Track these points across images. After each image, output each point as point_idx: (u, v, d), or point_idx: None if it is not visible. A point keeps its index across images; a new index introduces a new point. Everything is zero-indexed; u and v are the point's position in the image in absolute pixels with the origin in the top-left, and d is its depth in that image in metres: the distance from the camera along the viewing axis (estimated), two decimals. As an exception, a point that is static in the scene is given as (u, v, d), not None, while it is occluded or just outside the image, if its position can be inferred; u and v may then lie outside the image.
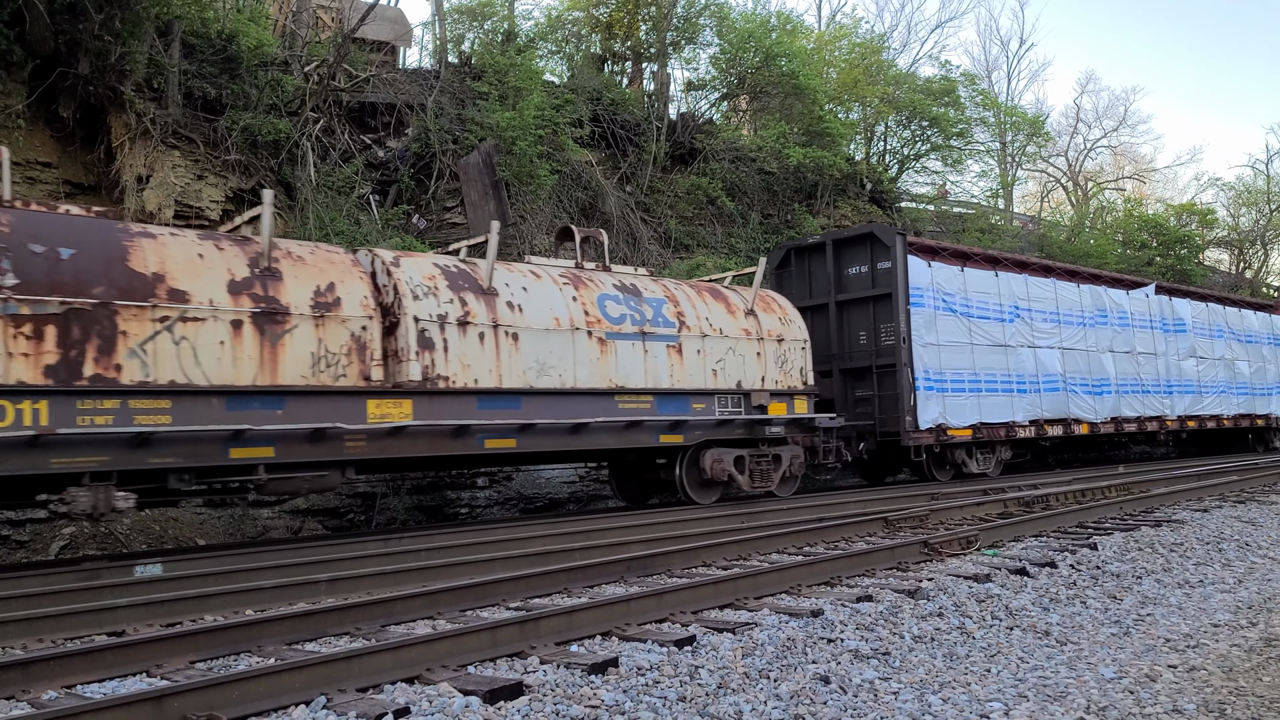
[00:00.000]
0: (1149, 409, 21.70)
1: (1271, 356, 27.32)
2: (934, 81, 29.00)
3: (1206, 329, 24.41)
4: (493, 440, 11.26)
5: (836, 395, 16.81)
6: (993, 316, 18.19)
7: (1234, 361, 25.26)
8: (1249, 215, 45.20)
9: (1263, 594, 7.79)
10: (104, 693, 4.88)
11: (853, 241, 17.41)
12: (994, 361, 17.94)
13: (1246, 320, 26.50)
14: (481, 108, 18.15)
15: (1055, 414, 19.02)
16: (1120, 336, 21.21)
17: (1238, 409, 25.12)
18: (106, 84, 13.75)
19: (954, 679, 5.37)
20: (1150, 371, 21.98)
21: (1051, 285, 19.88)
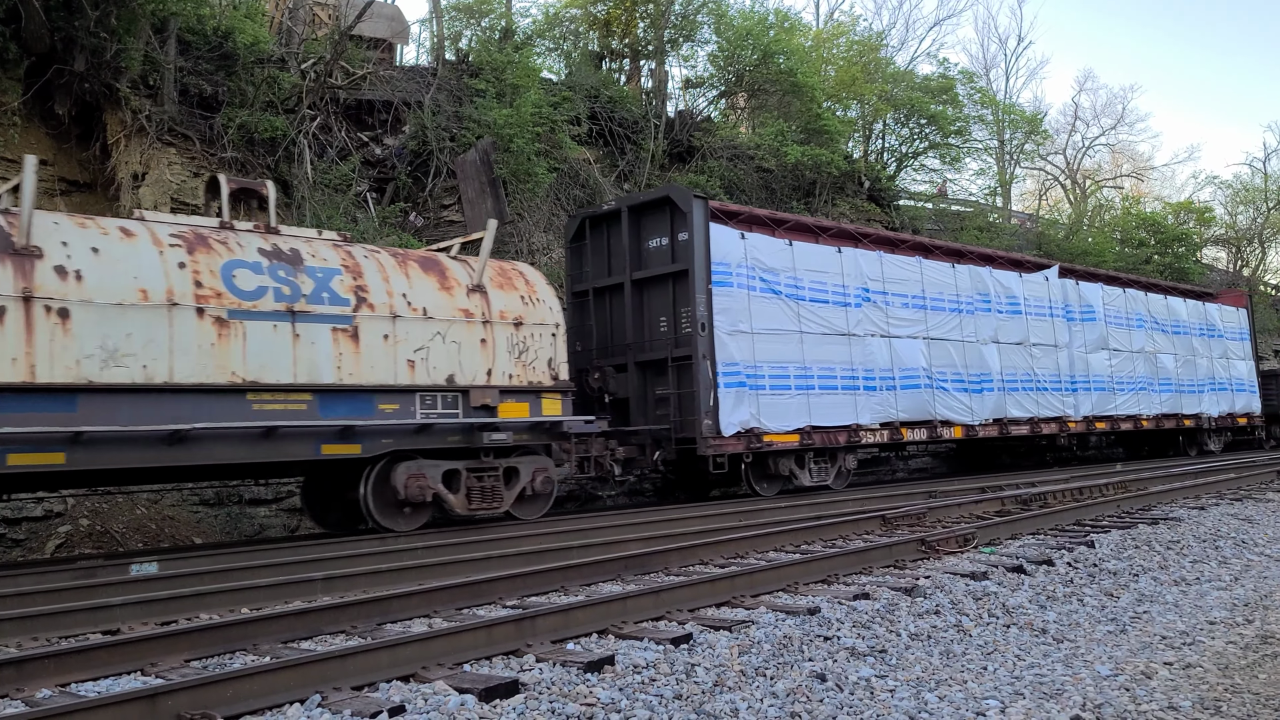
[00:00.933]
0: (1045, 409, 19.24)
1: (1204, 350, 25.01)
2: (932, 79, 28.99)
3: (1123, 318, 22.11)
4: (21, 455, 8.55)
5: (634, 394, 14.33)
6: (833, 300, 15.47)
7: (1157, 355, 23.00)
8: (1246, 213, 45.25)
9: (1259, 591, 7.78)
10: (98, 691, 4.86)
11: (651, 208, 14.55)
12: (832, 353, 15.33)
13: (1174, 309, 24.25)
14: (479, 105, 18.13)
15: (916, 415, 16.57)
16: (1009, 325, 18.77)
17: (1161, 408, 22.84)
18: (102, 81, 13.73)
19: (950, 677, 5.36)
20: (1049, 366, 19.55)
21: (916, 265, 17.27)
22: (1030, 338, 19.30)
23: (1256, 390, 27.30)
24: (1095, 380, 20.73)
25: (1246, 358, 27.09)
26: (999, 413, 18.18)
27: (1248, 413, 26.70)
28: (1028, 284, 19.70)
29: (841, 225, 18.13)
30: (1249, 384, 26.97)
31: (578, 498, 16.79)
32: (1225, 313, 26.53)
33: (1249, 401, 26.87)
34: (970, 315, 18.03)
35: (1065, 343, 20.15)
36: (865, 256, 16.50)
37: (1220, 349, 25.75)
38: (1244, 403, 26.55)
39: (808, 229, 16.75)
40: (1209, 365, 24.99)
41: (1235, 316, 27.06)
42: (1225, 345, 26.01)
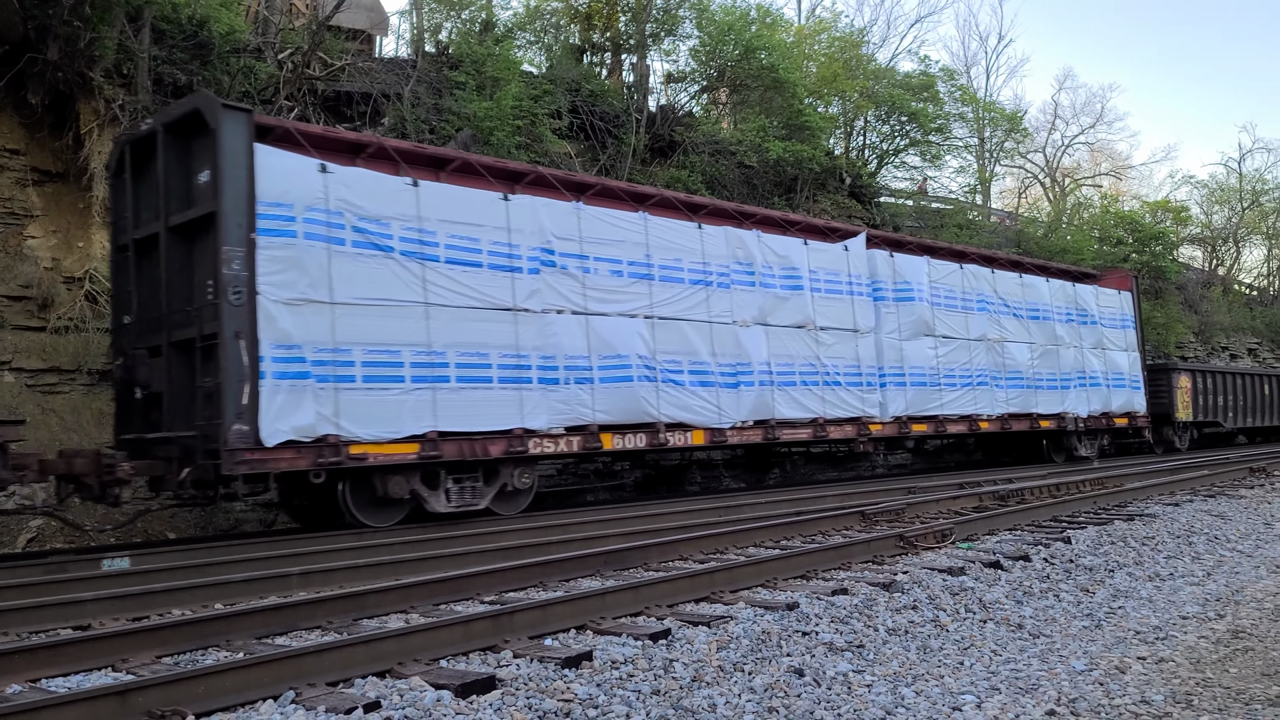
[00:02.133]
0: (837, 408, 15.79)
1: (1072, 339, 21.24)
2: (913, 76, 29.09)
3: (957, 299, 18.49)
4: None
5: (168, 386, 10.45)
6: (490, 263, 11.78)
7: (1005, 344, 19.30)
8: (1222, 213, 45.70)
9: (1230, 587, 7.86)
10: (69, 687, 4.80)
11: (188, 127, 10.53)
12: (485, 334, 11.62)
13: (1033, 290, 20.58)
14: (459, 98, 18.03)
15: (622, 416, 12.95)
16: (785, 304, 15.22)
17: (1008, 407, 19.21)
18: (75, 70, 13.55)
19: (927, 671, 5.38)
20: (844, 355, 16.05)
21: (640, 221, 13.44)
22: (817, 320, 15.67)
23: (1142, 386, 23.49)
24: (914, 373, 17.24)
25: (1130, 348, 23.19)
26: (762, 412, 14.62)
27: (1129, 412, 22.90)
28: (816, 253, 15.90)
29: (510, 164, 13.54)
30: (1131, 379, 23.02)
31: (558, 494, 16.76)
32: (1103, 296, 22.66)
33: (1131, 399, 22.94)
34: (723, 290, 14.31)
35: (871, 327, 16.61)
36: (551, 207, 12.58)
37: (1094, 338, 21.97)
38: (1124, 401, 22.65)
39: (465, 168, 12.57)
40: (1077, 357, 21.28)
41: (1116, 301, 23.11)
42: (1101, 334, 22.22)
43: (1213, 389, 27.60)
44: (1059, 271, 22.88)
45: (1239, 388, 29.34)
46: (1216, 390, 27.82)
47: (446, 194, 11.74)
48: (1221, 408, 28.05)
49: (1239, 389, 29.27)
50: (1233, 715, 4.61)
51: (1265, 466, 17.60)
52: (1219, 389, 27.95)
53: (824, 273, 16.04)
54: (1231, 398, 28.62)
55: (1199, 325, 37.99)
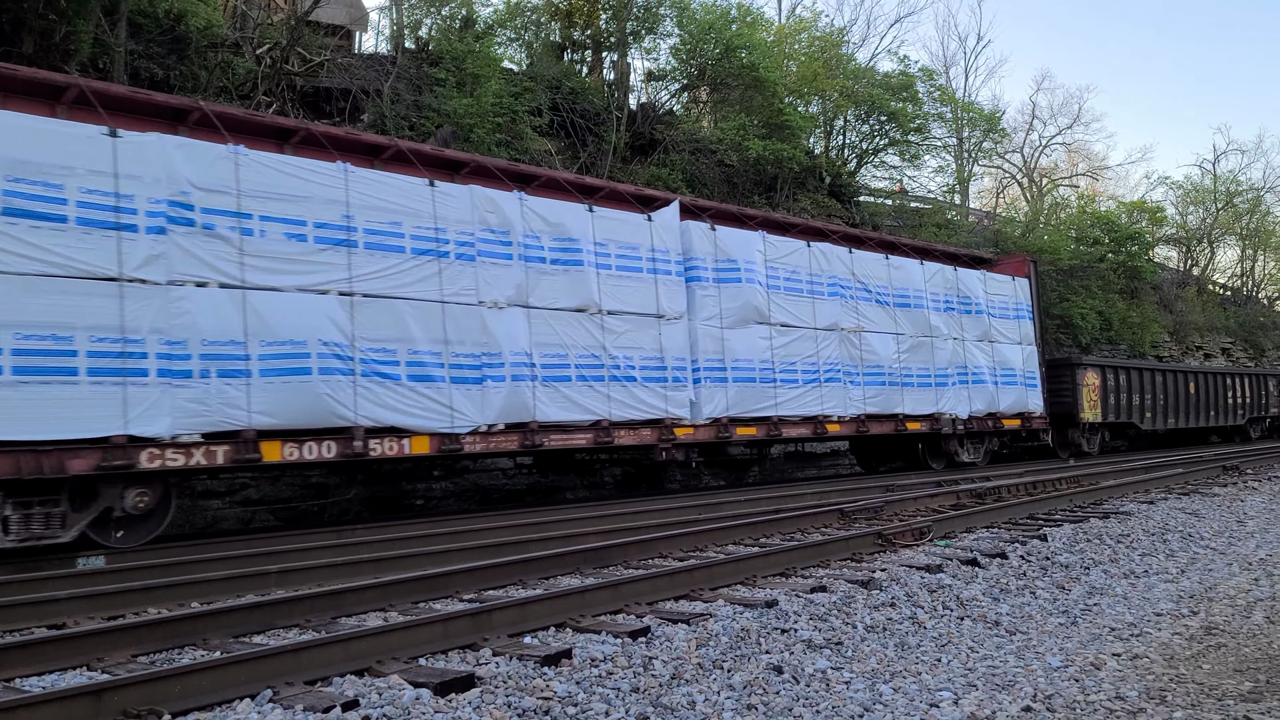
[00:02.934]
0: (630, 408, 13.28)
1: (951, 329, 18.82)
2: (892, 76, 29.20)
3: (802, 281, 16.04)
4: None
5: None
6: (78, 216, 9.10)
7: (863, 334, 16.88)
8: (1196, 214, 46.13)
9: (1204, 584, 7.94)
10: (43, 687, 4.76)
11: None
12: (70, 311, 8.98)
13: (902, 274, 18.05)
14: (439, 94, 17.97)
15: (297, 419, 10.34)
16: (555, 283, 12.69)
17: (866, 407, 16.73)
18: (51, 63, 13.40)
19: (905, 668, 5.41)
20: (643, 345, 13.50)
21: (338, 174, 10.96)
22: (603, 302, 13.15)
23: (1039, 384, 20.96)
24: (740, 367, 14.81)
25: (1025, 341, 20.73)
26: (519, 414, 12.16)
27: (1023, 413, 20.42)
28: (606, 223, 13.38)
29: (120, 90, 10.52)
30: (1026, 375, 20.49)
31: (538, 491, 16.75)
32: (993, 283, 20.25)
33: (1024, 398, 20.39)
34: (466, 263, 11.88)
35: (680, 312, 14.13)
36: (190, 149, 10.00)
37: (979, 329, 19.54)
38: (1015, 400, 20.15)
39: (48, 90, 9.86)
40: (957, 350, 18.80)
41: (1010, 288, 20.65)
42: (988, 325, 19.79)
43: (1127, 386, 25.13)
44: (944, 255, 20.47)
45: (1159, 385, 26.89)
46: (1131, 388, 25.33)
47: (11, 125, 8.92)
48: (1137, 407, 25.59)
49: (1159, 387, 26.87)
50: (1206, 711, 4.67)
51: (1238, 465, 17.79)
52: (1135, 387, 25.53)
53: (616, 246, 13.36)
54: (1150, 396, 26.20)
55: (1174, 325, 38.35)
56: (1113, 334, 33.41)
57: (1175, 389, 27.51)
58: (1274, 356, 43.55)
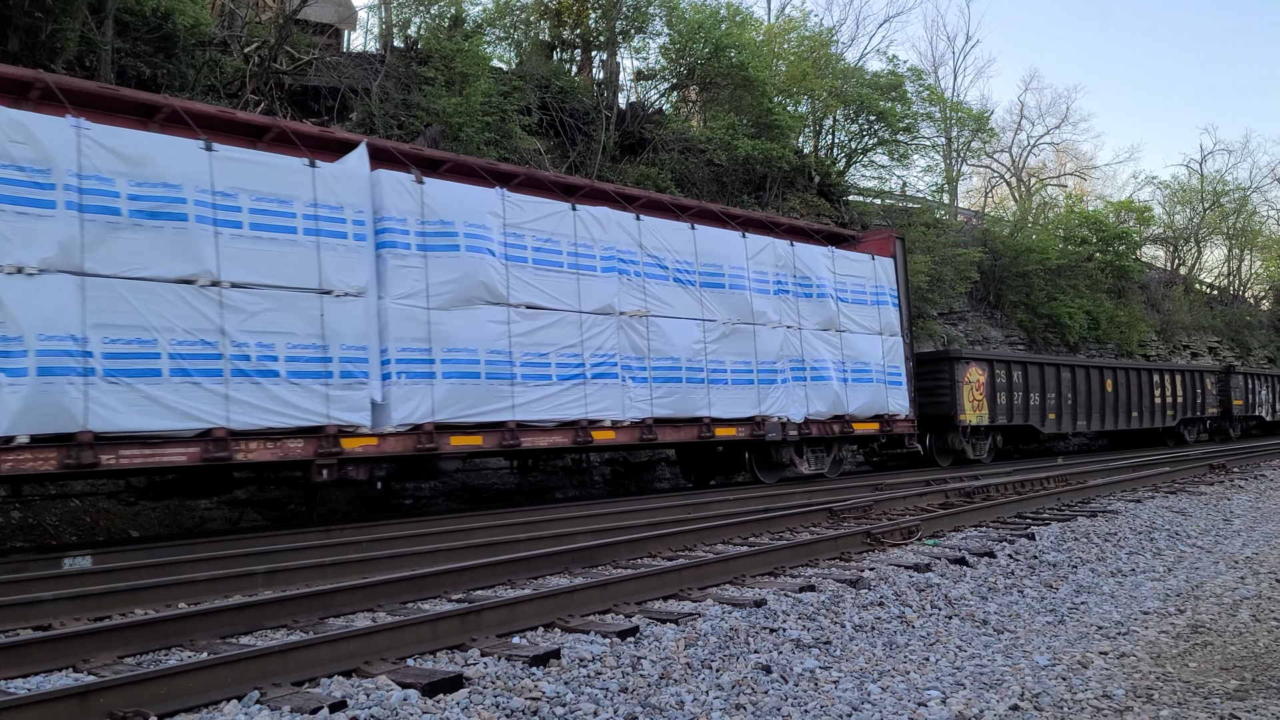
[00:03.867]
0: (268, 412, 10.22)
1: (785, 315, 15.86)
2: (881, 76, 29.26)
3: (561, 253, 12.97)
4: None
5: None
6: None
7: (653, 320, 13.79)
8: (1183, 213, 46.37)
9: (1191, 582, 7.98)
10: (29, 689, 4.73)
11: None
12: None
13: (712, 246, 14.88)
14: (427, 93, 17.93)
15: None
16: (133, 242, 9.52)
17: (655, 409, 13.65)
18: (37, 62, 13.33)
19: (893, 667, 5.42)
20: (293, 328, 10.48)
21: None
22: (221, 271, 10.05)
23: (904, 381, 17.85)
24: (458, 359, 11.76)
25: (888, 332, 17.76)
26: (48, 424, 8.96)
27: (882, 415, 17.37)
28: (231, 166, 10.29)
29: None
30: (887, 371, 17.50)
31: (526, 491, 16.73)
32: (844, 262, 17.18)
33: (884, 397, 17.35)
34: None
35: (358, 287, 11.02)
36: None
37: (821, 316, 16.54)
38: (871, 399, 17.09)
39: None
40: (790, 341, 15.77)
41: (867, 269, 17.58)
42: (836, 310, 16.79)
43: (1023, 384, 21.91)
44: (788, 229, 17.45)
45: (1066, 383, 23.59)
46: (1029, 386, 22.14)
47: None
48: (1036, 408, 22.30)
49: (1067, 384, 23.58)
50: (1193, 709, 4.69)
51: (1225, 463, 17.89)
52: (1033, 384, 22.32)
53: (249, 198, 10.30)
54: (1054, 395, 22.98)
55: (1161, 324, 38.55)
56: (1100, 333, 33.56)
57: (1088, 387, 24.43)
58: (1260, 355, 43.80)
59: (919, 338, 26.49)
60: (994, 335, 30.64)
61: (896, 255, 18.47)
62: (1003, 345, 30.51)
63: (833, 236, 18.53)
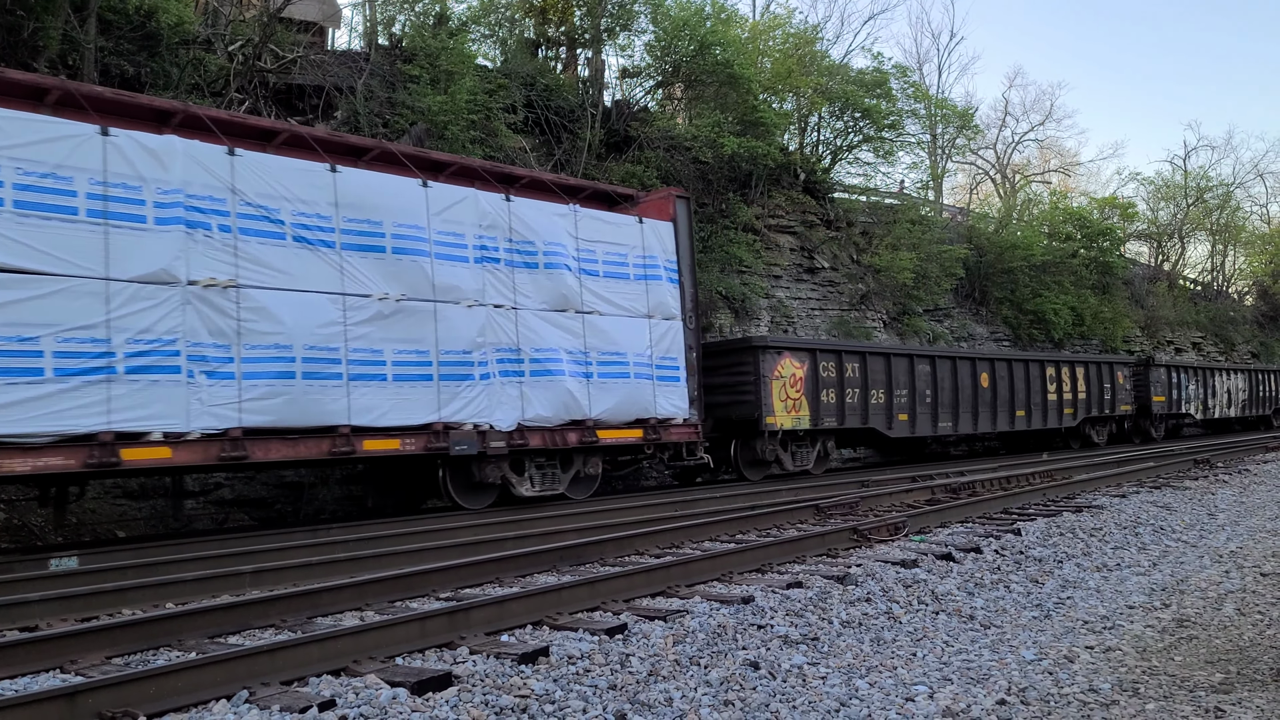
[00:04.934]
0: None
1: (492, 291, 12.47)
2: (866, 73, 29.30)
3: (126, 199, 9.72)
4: None
5: None
6: None
7: (242, 292, 10.36)
8: (1167, 209, 46.63)
9: (1175, 576, 8.04)
10: (15, 690, 4.71)
11: None
12: None
13: (363, 194, 11.42)
14: (412, 91, 17.88)
15: None
16: None
17: (245, 417, 10.18)
18: (19, 60, 13.23)
19: (881, 663, 5.45)
20: None
21: None
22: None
23: (683, 377, 14.41)
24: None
25: (661, 314, 14.24)
26: None
27: (649, 419, 13.84)
28: None
29: None
30: (658, 363, 14.07)
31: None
32: (592, 224, 13.64)
33: (652, 398, 13.90)
34: None
35: None
36: None
37: (551, 292, 13.03)
38: (627, 399, 13.60)
39: None
40: (495, 324, 12.40)
41: (632, 235, 14.04)
42: (575, 286, 13.25)
43: (861, 379, 18.10)
44: (523, 182, 13.83)
45: (924, 377, 19.54)
46: (871, 381, 18.30)
47: None
48: (881, 407, 18.49)
49: (924, 379, 19.55)
50: (1178, 702, 4.73)
51: (1209, 458, 18.01)
52: (876, 379, 18.47)
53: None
54: (907, 392, 19.09)
55: (1145, 320, 38.77)
56: (1085, 329, 33.73)
57: (955, 382, 20.34)
58: (1244, 351, 44.12)
59: (903, 334, 26.64)
60: (979, 332, 30.77)
61: (678, 219, 14.79)
62: (988, 342, 30.60)
63: (602, 196, 14.94)
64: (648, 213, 14.65)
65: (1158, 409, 28.12)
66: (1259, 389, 34.79)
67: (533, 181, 14.05)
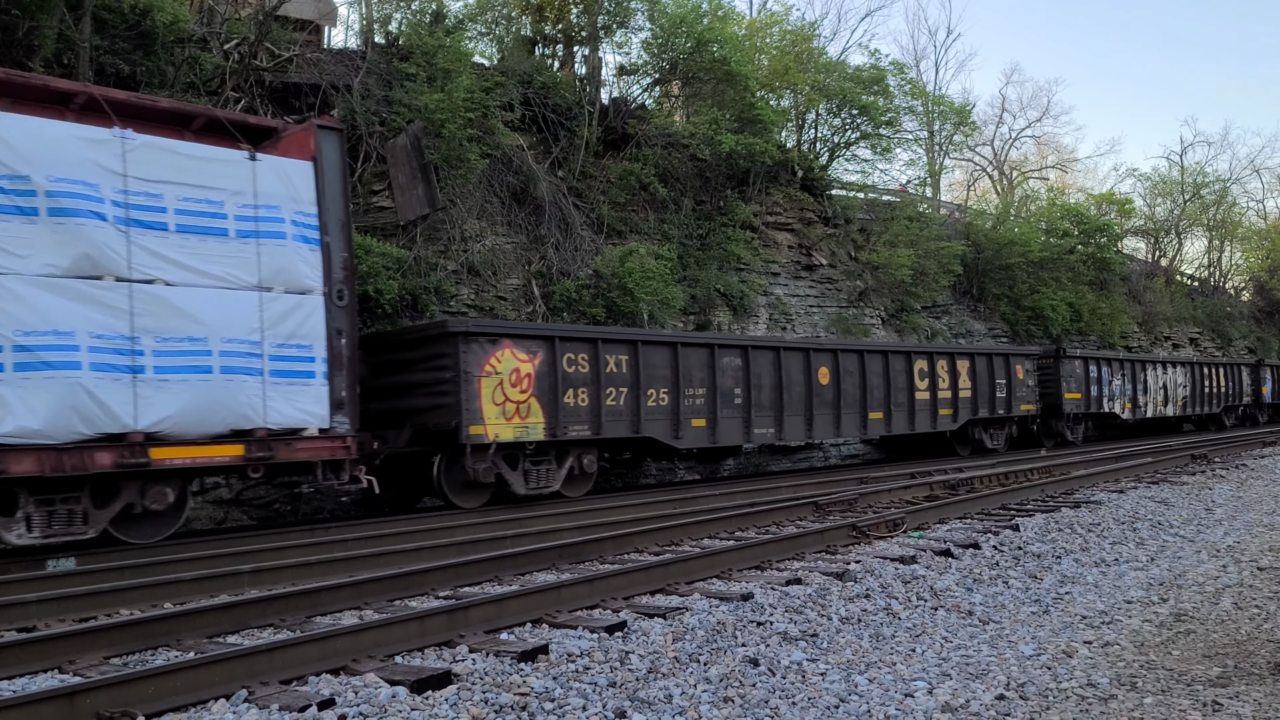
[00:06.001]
0: None
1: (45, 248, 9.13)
2: (863, 70, 29.29)
3: None
4: None
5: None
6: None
7: None
8: (1164, 205, 46.64)
9: (1173, 571, 8.04)
10: (13, 690, 4.71)
11: None
12: None
13: None
14: (409, 89, 17.84)
15: None
16: None
17: None
18: (13, 60, 13.21)
19: (880, 659, 5.45)
20: None
21: None
22: None
23: (319, 373, 10.92)
24: None
25: (291, 285, 10.74)
26: None
27: (256, 431, 10.30)
28: None
29: None
30: (271, 355, 10.48)
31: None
32: (162, 156, 10.03)
33: (259, 402, 10.35)
34: None
35: None
36: None
37: (73, 247, 9.34)
38: (218, 403, 10.06)
39: None
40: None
41: (240, 176, 10.49)
42: (125, 243, 9.65)
43: (631, 375, 14.28)
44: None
45: (732, 371, 15.79)
46: (645, 377, 14.43)
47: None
48: (663, 410, 14.66)
49: (732, 373, 15.79)
50: (1176, 696, 4.73)
51: (1206, 454, 18.03)
52: (655, 375, 14.62)
53: None
54: (705, 391, 15.31)
55: (1143, 316, 38.78)
56: (1083, 325, 33.75)
57: (779, 379, 16.52)
58: (1240, 346, 44.14)
59: (901, 331, 26.64)
60: (977, 328, 30.77)
61: (322, 157, 11.27)
62: (985, 338, 30.59)
63: (219, 128, 11.27)
64: (289, 151, 11.30)
65: (1071, 408, 24.16)
66: (1204, 384, 30.85)
67: (89, 101, 10.34)
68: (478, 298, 17.54)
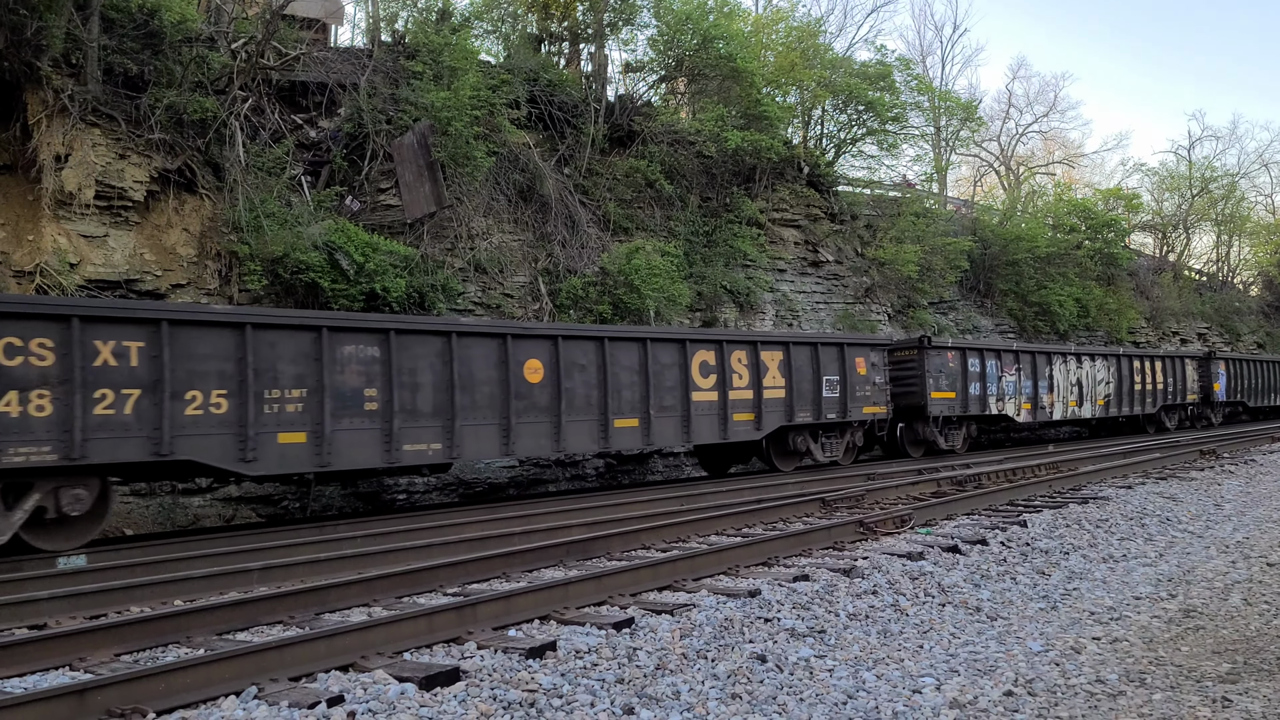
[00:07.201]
0: None
1: None
2: (870, 66, 29.23)
3: None
4: None
5: None
6: None
7: None
8: (1172, 200, 46.46)
9: (1182, 567, 8.03)
10: (25, 687, 4.73)
11: None
12: None
13: None
14: (416, 87, 17.86)
15: None
16: None
17: None
18: (22, 59, 13.25)
19: (888, 655, 5.45)
20: None
21: None
22: None
23: None
24: None
25: None
26: None
27: None
28: None
29: None
30: None
31: (519, 484, 16.74)
32: None
33: None
34: None
35: None
36: None
37: None
38: None
39: None
40: None
41: None
42: None
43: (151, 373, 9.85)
44: None
45: (361, 365, 11.52)
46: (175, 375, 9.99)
47: None
48: (214, 421, 10.22)
49: (361, 370, 11.50)
50: (1185, 692, 4.72)
51: (1214, 449, 17.97)
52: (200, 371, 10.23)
53: None
54: (301, 395, 10.92)
55: (1150, 311, 38.65)
56: (1090, 320, 33.65)
57: (452, 375, 12.21)
58: (1249, 341, 43.98)
59: (908, 327, 26.60)
60: (984, 324, 30.70)
61: None
62: (992, 334, 30.49)
63: None
64: None
65: (941, 409, 19.76)
66: (1135, 380, 26.30)
67: None
68: (484, 295, 17.56)
